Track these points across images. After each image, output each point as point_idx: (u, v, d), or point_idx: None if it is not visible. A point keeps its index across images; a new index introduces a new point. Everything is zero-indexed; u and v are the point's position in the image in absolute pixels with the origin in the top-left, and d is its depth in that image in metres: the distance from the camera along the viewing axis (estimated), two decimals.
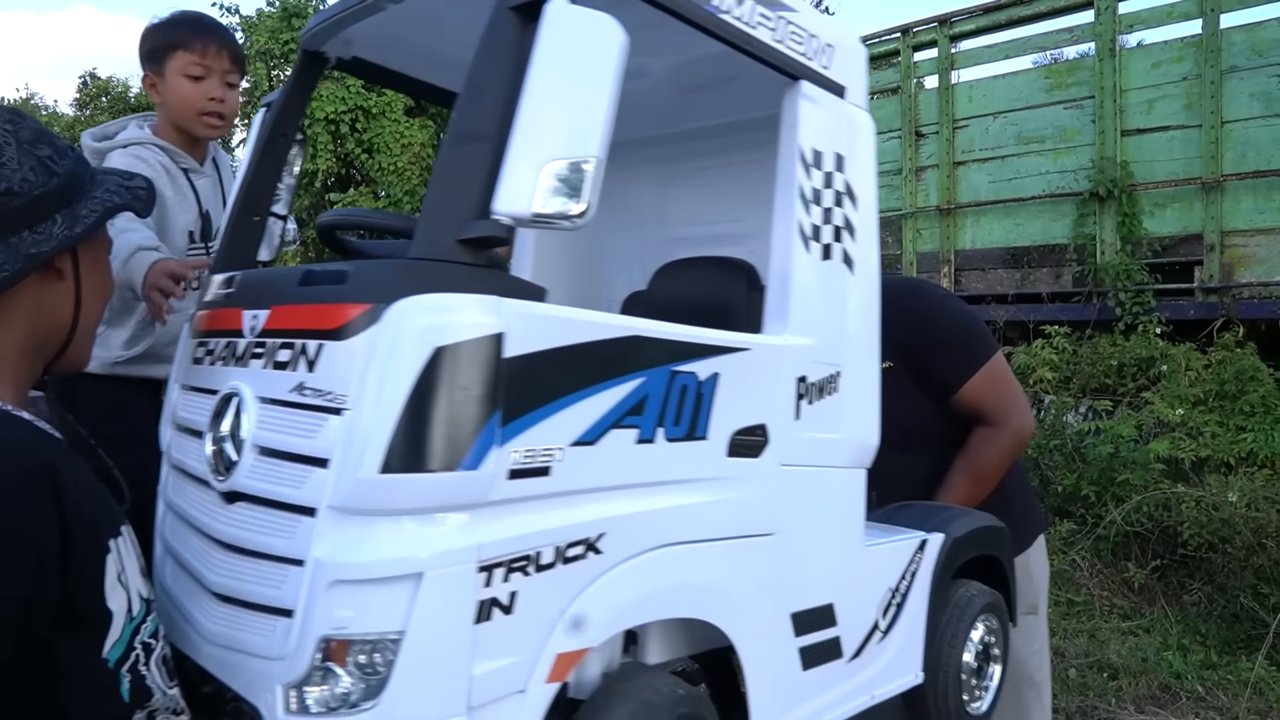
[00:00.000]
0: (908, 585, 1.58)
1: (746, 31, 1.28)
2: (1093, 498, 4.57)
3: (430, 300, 0.95)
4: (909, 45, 7.10)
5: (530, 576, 0.99)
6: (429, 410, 0.92)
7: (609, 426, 1.06)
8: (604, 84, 0.99)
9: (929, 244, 7.10)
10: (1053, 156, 6.35)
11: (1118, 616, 4.05)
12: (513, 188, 0.95)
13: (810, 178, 1.37)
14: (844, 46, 1.47)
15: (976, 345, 1.98)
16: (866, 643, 1.49)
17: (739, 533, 1.25)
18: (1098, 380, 5.54)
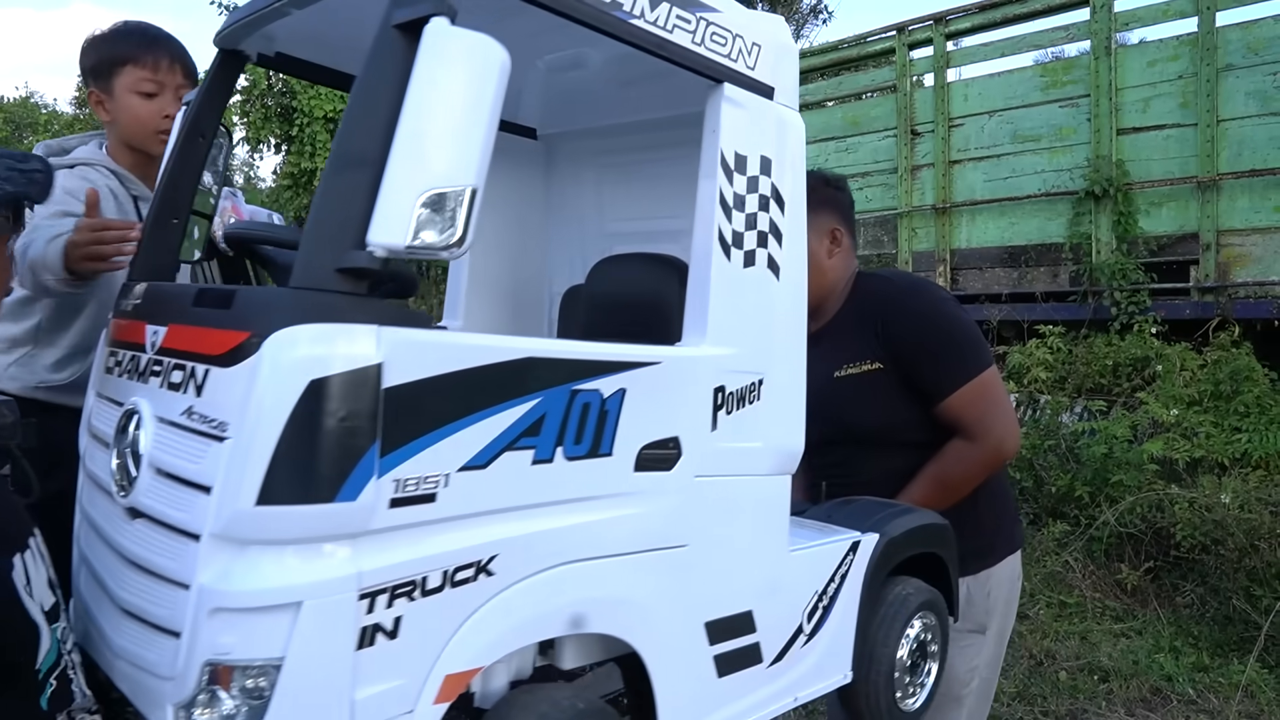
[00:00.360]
0: (836, 588, 1.57)
1: (661, 35, 1.24)
2: (1086, 498, 4.55)
3: (307, 331, 0.94)
4: (904, 43, 7.07)
5: (416, 601, 0.99)
6: (304, 443, 0.92)
7: (501, 450, 1.05)
8: (483, 110, 0.96)
9: (924, 243, 7.07)
10: (1048, 155, 6.32)
11: (1110, 618, 4.03)
12: (386, 219, 0.93)
13: (733, 183, 1.35)
14: (772, 45, 1.42)
15: (970, 356, 1.95)
16: (789, 646, 1.48)
17: (647, 546, 1.24)
18: (1093, 380, 5.51)
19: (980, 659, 2.06)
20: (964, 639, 2.02)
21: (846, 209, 2.13)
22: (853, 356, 1.98)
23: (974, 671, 2.05)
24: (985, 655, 2.07)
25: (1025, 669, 3.61)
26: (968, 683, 2.04)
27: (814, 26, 17.97)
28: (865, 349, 1.97)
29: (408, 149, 0.94)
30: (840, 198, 2.13)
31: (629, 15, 1.20)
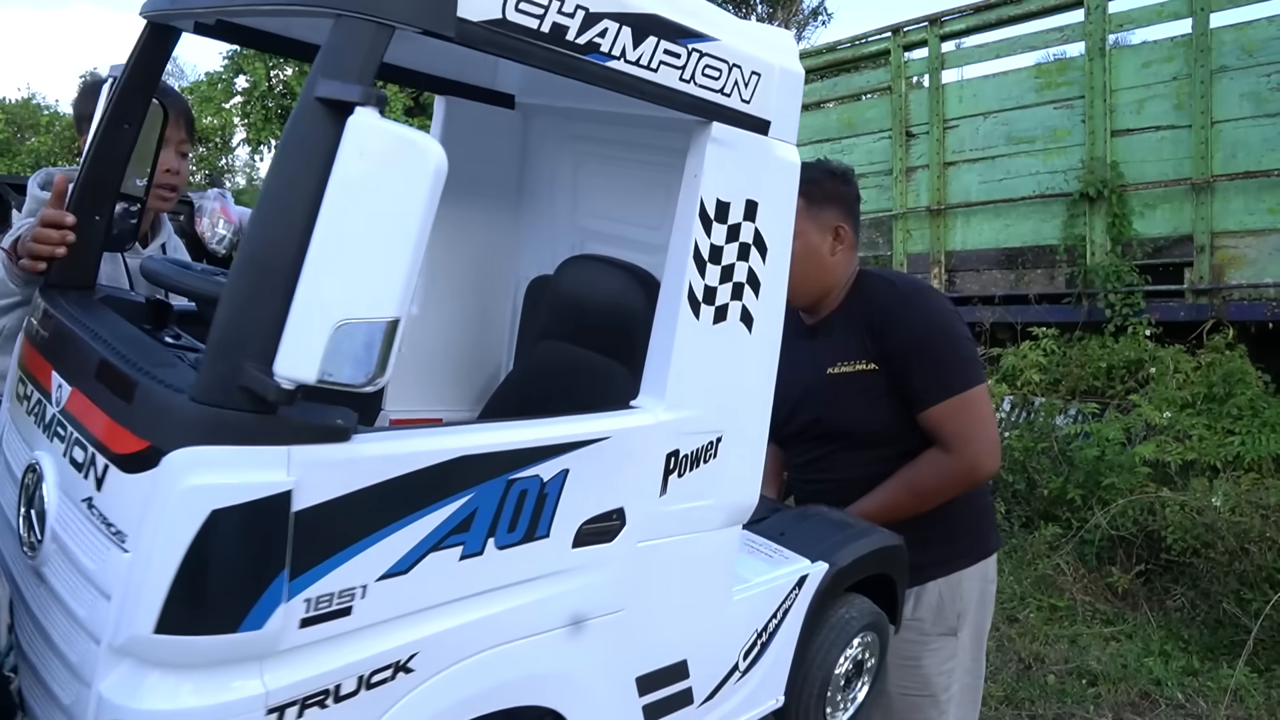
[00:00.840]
0: (778, 623, 1.50)
1: (639, 77, 1.10)
2: (1078, 501, 4.53)
3: (209, 454, 0.85)
4: (899, 45, 7.06)
5: (329, 708, 0.95)
6: (205, 574, 0.86)
7: (426, 552, 0.99)
8: (412, 225, 0.83)
9: (919, 245, 7.06)
10: (1043, 157, 6.30)
11: (1100, 622, 4.00)
12: (294, 349, 0.82)
13: (710, 235, 1.24)
14: (774, 72, 1.28)
15: (961, 370, 1.92)
16: (722, 685, 1.43)
17: (580, 618, 1.18)
18: (1086, 383, 5.49)
19: (955, 661, 2.03)
20: (935, 642, 2.01)
21: (851, 204, 2.07)
22: (848, 355, 1.97)
23: (949, 675, 2.02)
24: (961, 658, 2.04)
25: (1014, 672, 3.59)
26: (946, 686, 2.02)
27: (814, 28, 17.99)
28: (860, 348, 1.95)
29: (322, 265, 0.82)
30: (846, 192, 2.06)
31: (606, 57, 1.06)
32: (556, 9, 0.99)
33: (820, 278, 2.00)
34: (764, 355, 1.37)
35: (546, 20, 0.98)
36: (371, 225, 0.83)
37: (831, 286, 2.03)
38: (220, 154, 23.10)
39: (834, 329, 2.02)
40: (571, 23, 1.01)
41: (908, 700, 2.01)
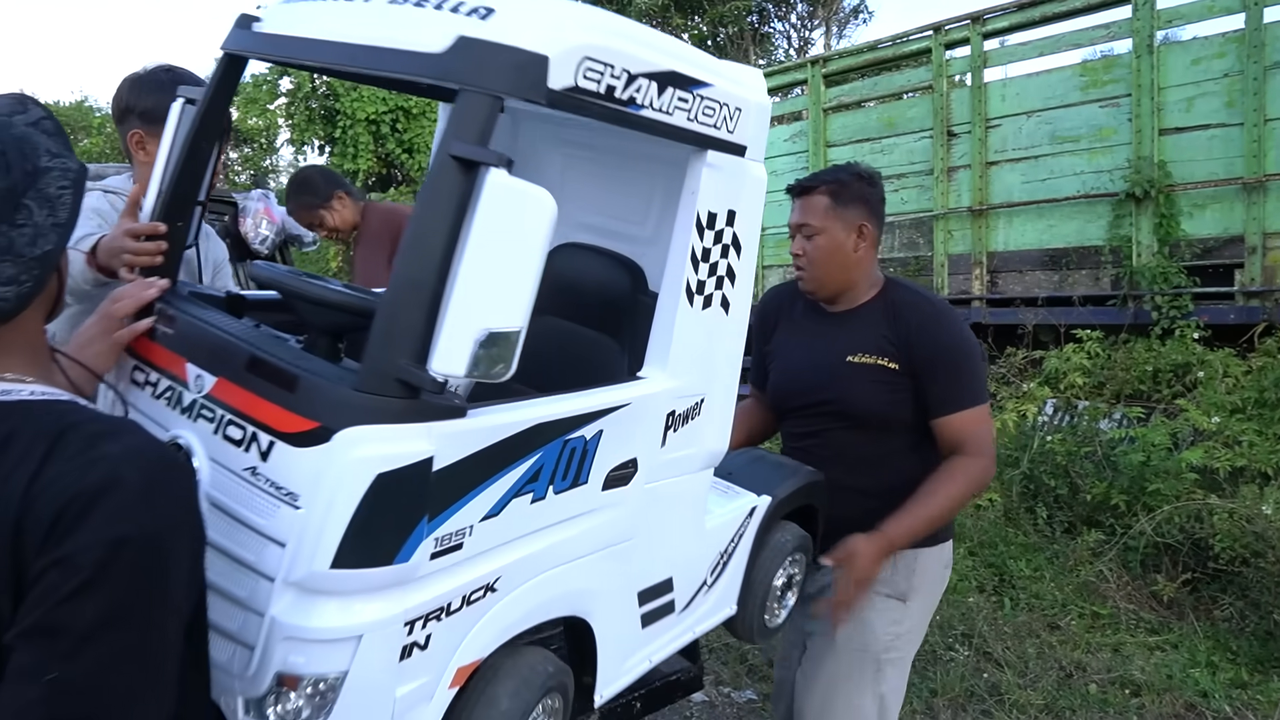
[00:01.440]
0: (735, 545, 1.85)
1: (661, 120, 1.36)
2: (1122, 507, 4.44)
3: (373, 432, 1.08)
4: (941, 43, 6.97)
5: (442, 621, 1.21)
6: (372, 522, 1.09)
7: (510, 499, 1.25)
8: (534, 257, 1.08)
9: (960, 245, 6.96)
10: (1088, 156, 6.19)
11: (1144, 631, 3.92)
12: (448, 351, 1.06)
13: (703, 239, 1.51)
14: (750, 107, 1.54)
15: (981, 386, 2.16)
16: (696, 596, 1.77)
17: (605, 546, 1.47)
18: (1131, 386, 5.38)
19: (900, 627, 2.19)
20: (883, 602, 2.17)
21: (876, 205, 2.23)
22: (872, 349, 2.14)
23: (893, 637, 2.18)
24: (906, 625, 2.21)
25: (1054, 680, 3.53)
26: (887, 647, 2.17)
27: (855, 26, 17.84)
28: (887, 347, 2.13)
29: (470, 288, 1.05)
30: (871, 194, 2.22)
31: (640, 108, 1.32)
32: (610, 74, 1.25)
33: (844, 272, 2.20)
34: (737, 332, 1.66)
35: (603, 83, 1.24)
36: (507, 257, 1.07)
37: (854, 281, 2.21)
38: (264, 155, 23.45)
39: (859, 323, 2.20)
40: (618, 83, 1.26)
41: (852, 654, 2.17)
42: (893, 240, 7.54)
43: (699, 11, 15.19)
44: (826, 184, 2.20)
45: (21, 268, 0.96)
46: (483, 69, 1.11)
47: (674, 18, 14.98)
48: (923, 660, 3.73)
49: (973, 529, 4.77)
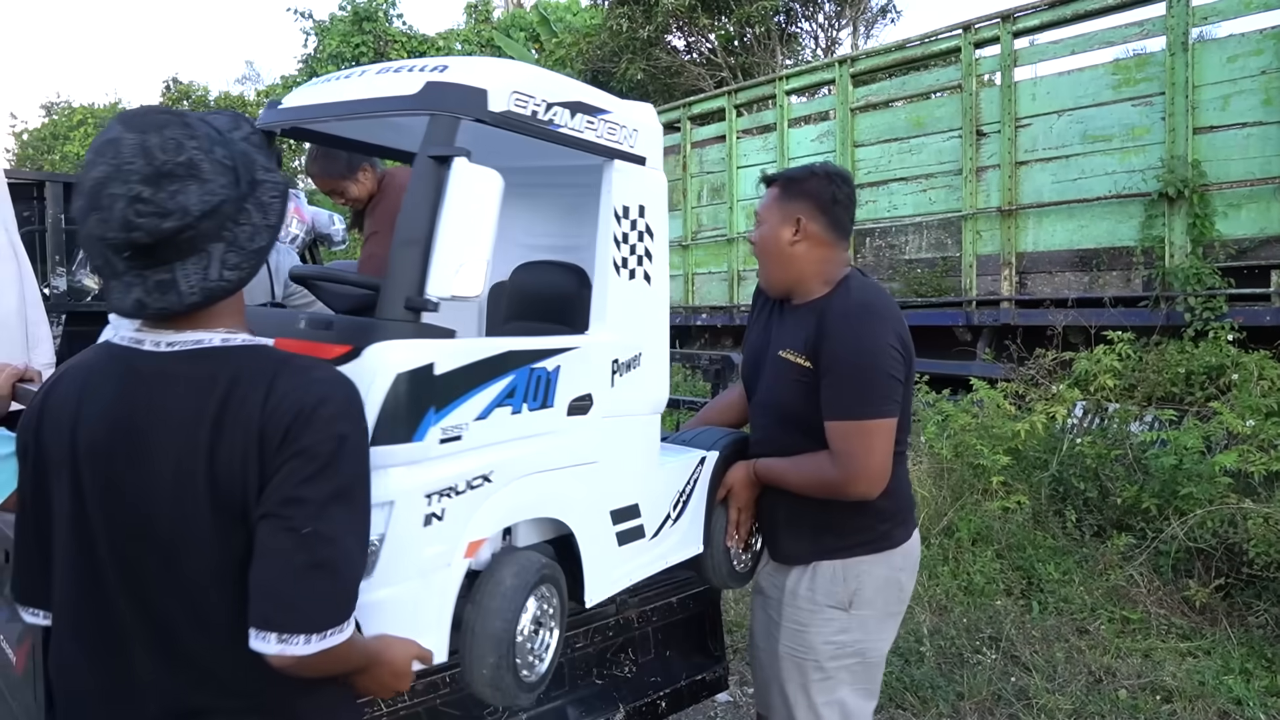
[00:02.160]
0: (691, 488, 2.23)
1: (576, 136, 1.83)
2: (1154, 511, 4.37)
3: (389, 345, 1.48)
4: (970, 42, 6.91)
5: (453, 499, 1.56)
6: (396, 408, 1.46)
7: (495, 407, 1.63)
8: (491, 212, 1.55)
9: (989, 246, 6.90)
10: (1120, 156, 6.12)
11: (1175, 636, 3.86)
12: (438, 280, 1.50)
13: (620, 225, 1.94)
14: (645, 128, 2.01)
15: (867, 399, 2.05)
16: (662, 527, 2.14)
17: (575, 463, 1.86)
18: (1164, 389, 5.30)
19: (846, 635, 2.16)
20: (824, 612, 2.17)
21: (825, 202, 2.17)
22: (796, 345, 2.16)
23: (838, 646, 2.17)
24: (854, 634, 2.17)
25: (1083, 685, 3.48)
26: (832, 655, 2.17)
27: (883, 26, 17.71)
28: (804, 344, 2.14)
29: (449, 236, 1.50)
30: (820, 190, 2.18)
31: (558, 126, 1.79)
32: (533, 102, 1.72)
33: (780, 263, 2.21)
34: (660, 300, 2.09)
35: (529, 108, 1.72)
36: (474, 215, 1.53)
37: (796, 275, 2.20)
38: (293, 156, 23.70)
39: (796, 318, 2.20)
40: (540, 108, 1.74)
41: (795, 661, 2.19)
42: (921, 240, 7.49)
43: (726, 12, 15.14)
44: (783, 178, 2.24)
45: (243, 258, 1.27)
46: (444, 99, 1.60)
47: (700, 18, 14.92)
48: (949, 663, 3.70)
49: (1000, 532, 4.72)
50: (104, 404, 1.26)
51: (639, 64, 14.90)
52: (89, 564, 1.29)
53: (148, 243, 1.19)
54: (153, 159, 1.18)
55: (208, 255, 1.23)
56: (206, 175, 1.20)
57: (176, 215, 1.19)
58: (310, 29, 21.13)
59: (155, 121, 1.21)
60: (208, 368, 1.26)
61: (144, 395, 1.25)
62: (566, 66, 17.19)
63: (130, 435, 1.24)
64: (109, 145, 1.19)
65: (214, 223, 1.22)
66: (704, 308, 9.28)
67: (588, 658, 2.38)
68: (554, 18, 19.50)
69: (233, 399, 1.23)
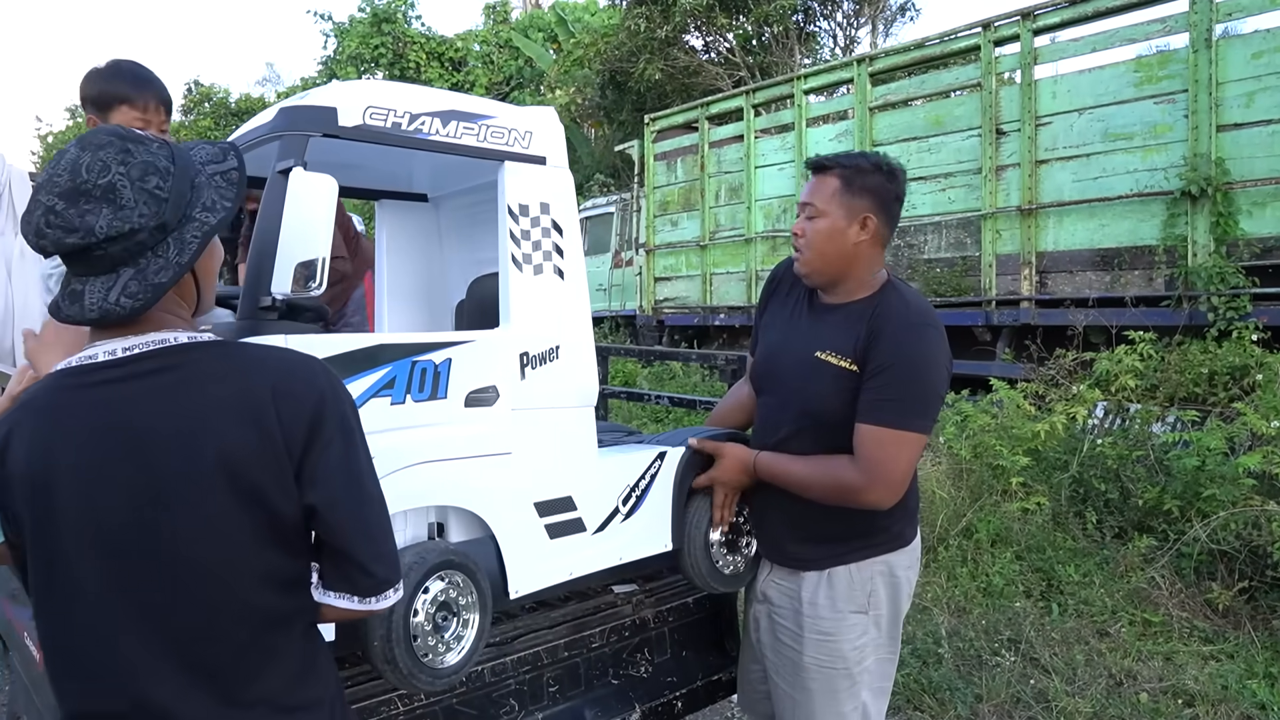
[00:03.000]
0: (647, 483, 2.21)
1: (451, 142, 1.93)
2: (1176, 513, 4.33)
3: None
4: (990, 40, 6.87)
5: None
6: None
7: (370, 396, 1.71)
8: (328, 214, 1.65)
9: (1009, 245, 6.86)
10: (1141, 154, 6.06)
11: (1198, 639, 3.82)
12: (279, 278, 1.61)
13: (519, 223, 2.02)
14: (541, 130, 2.09)
15: (912, 411, 1.99)
16: (609, 522, 2.14)
17: (481, 453, 1.90)
18: (1186, 389, 5.25)
19: (867, 638, 2.15)
20: (849, 618, 2.13)
21: (888, 200, 2.11)
22: (837, 347, 2.07)
23: (862, 650, 2.14)
24: (873, 635, 2.16)
25: (1103, 688, 3.45)
26: (859, 660, 2.14)
27: (901, 24, 17.64)
28: (850, 348, 2.05)
29: (289, 241, 1.62)
30: (887, 188, 2.11)
31: (427, 135, 1.89)
32: (394, 115, 1.84)
33: (839, 260, 2.10)
34: (577, 295, 2.11)
35: (389, 120, 1.84)
36: (310, 217, 1.63)
37: (849, 273, 2.12)
38: None
39: (841, 319, 2.11)
40: (403, 120, 1.85)
41: (824, 671, 2.14)
42: (939, 240, 7.44)
43: (744, 11, 15.11)
44: (842, 167, 2.11)
45: (142, 288, 1.25)
46: (294, 121, 1.76)
47: (719, 17, 14.91)
48: (967, 665, 3.68)
49: (1020, 533, 4.68)
50: (81, 424, 1.23)
51: (657, 64, 14.90)
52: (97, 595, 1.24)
53: (53, 252, 1.22)
54: (76, 176, 1.21)
55: (115, 278, 1.24)
56: (125, 202, 1.21)
57: (80, 234, 1.20)
58: (330, 31, 21.28)
59: (98, 141, 1.24)
60: (171, 362, 1.26)
61: (125, 400, 1.24)
62: (584, 67, 17.21)
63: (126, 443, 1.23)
64: (57, 155, 1.26)
65: (122, 248, 1.22)
66: (721, 308, 9.26)
67: (604, 658, 2.38)
68: (572, 18, 19.53)
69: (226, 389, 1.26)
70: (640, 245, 10.29)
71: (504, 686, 2.21)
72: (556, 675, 2.32)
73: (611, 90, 16.45)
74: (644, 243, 10.27)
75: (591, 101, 17.44)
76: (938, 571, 4.51)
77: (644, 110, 14.18)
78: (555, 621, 2.37)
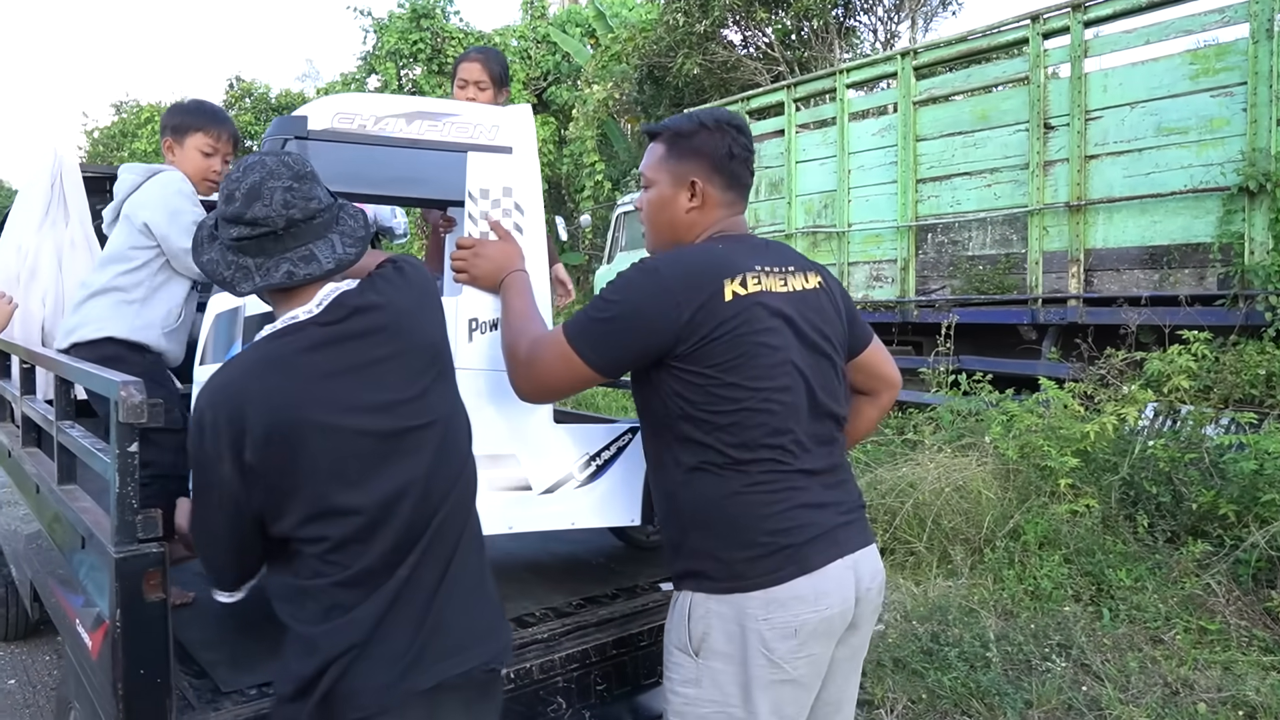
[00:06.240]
0: (614, 455, 2.32)
1: (415, 138, 2.14)
2: (1232, 518, 4.21)
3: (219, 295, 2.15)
4: (1039, 33, 6.72)
5: None
6: (216, 336, 2.20)
7: None
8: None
9: (1056, 243, 6.72)
10: (1196, 149, 5.90)
11: (1258, 649, 3.70)
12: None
13: (478, 204, 2.20)
14: (508, 124, 2.25)
15: (577, 323, 1.82)
16: (560, 486, 2.25)
17: None
18: (1242, 390, 5.11)
19: (697, 690, 1.74)
20: (674, 655, 1.80)
21: (720, 159, 1.88)
22: None
23: (686, 701, 1.76)
24: (707, 691, 1.74)
25: (1159, 697, 3.36)
26: (678, 711, 1.78)
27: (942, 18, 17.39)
28: None
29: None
30: (715, 144, 1.88)
31: (391, 133, 2.12)
32: (359, 118, 2.10)
33: (671, 231, 1.93)
34: (535, 271, 2.18)
35: (355, 123, 2.10)
36: None
37: (682, 242, 1.91)
38: None
39: None
40: (368, 122, 2.11)
41: (667, 709, 1.83)
42: (984, 236, 7.32)
43: (783, 6, 14.97)
44: (667, 129, 1.93)
45: (354, 242, 1.66)
46: (276, 129, 2.07)
47: (758, 11, 14.78)
48: (1016, 670, 3.60)
49: (1068, 535, 4.58)
50: (321, 364, 1.56)
51: (695, 59, 14.81)
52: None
53: (300, 219, 1.58)
54: (293, 166, 1.62)
55: (328, 240, 1.62)
56: (319, 184, 1.65)
57: (316, 201, 1.61)
58: (369, 26, 21.41)
59: (277, 151, 1.72)
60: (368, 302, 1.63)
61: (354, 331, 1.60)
62: (622, 62, 17.16)
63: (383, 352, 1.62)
64: (252, 162, 1.61)
65: (329, 216, 1.64)
66: None
67: (651, 655, 2.35)
68: (610, 13, 19.48)
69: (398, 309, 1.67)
70: None
71: (552, 683, 2.19)
72: (604, 673, 2.29)
73: (649, 85, 16.37)
74: None
75: (629, 96, 17.37)
76: (984, 574, 4.43)
77: (682, 105, 14.11)
78: (603, 619, 2.34)
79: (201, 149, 2.75)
